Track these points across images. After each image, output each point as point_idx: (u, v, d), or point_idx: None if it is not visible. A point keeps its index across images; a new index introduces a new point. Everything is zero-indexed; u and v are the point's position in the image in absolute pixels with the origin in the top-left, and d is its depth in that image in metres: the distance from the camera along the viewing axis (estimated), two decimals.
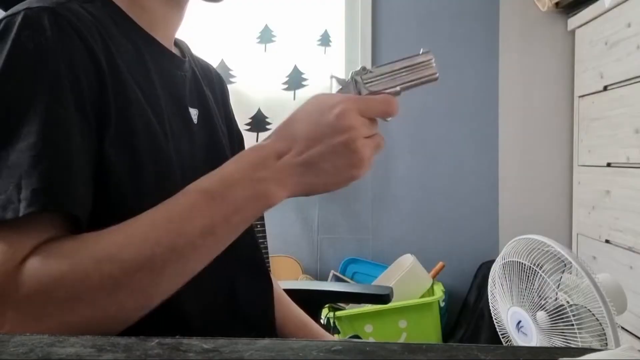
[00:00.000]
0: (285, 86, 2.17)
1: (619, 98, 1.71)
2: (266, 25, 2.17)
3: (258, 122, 2.15)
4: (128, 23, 0.66)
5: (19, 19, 0.56)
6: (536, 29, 2.16)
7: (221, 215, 0.54)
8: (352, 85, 0.61)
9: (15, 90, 0.53)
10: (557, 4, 2.04)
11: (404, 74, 0.61)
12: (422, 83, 0.62)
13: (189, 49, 0.83)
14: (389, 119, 0.61)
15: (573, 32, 2.09)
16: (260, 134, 2.15)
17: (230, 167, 0.56)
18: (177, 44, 0.79)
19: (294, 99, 2.16)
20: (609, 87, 1.79)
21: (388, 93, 0.60)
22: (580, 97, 2.04)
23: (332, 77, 0.62)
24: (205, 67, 0.86)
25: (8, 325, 0.48)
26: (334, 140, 0.55)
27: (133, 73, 0.62)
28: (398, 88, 0.61)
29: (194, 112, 0.73)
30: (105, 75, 0.58)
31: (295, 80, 2.16)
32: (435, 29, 2.17)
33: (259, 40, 2.17)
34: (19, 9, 0.57)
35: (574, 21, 2.05)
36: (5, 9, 0.72)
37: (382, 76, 0.61)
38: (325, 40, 2.17)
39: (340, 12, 2.21)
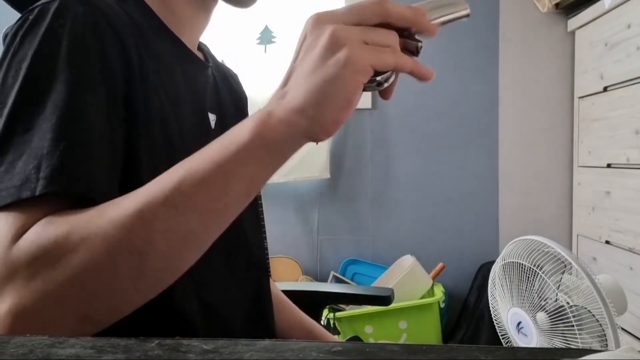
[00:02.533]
0: None
1: (619, 99, 1.71)
2: (266, 26, 2.17)
3: None
4: (158, 24, 0.67)
5: (54, 6, 0.55)
6: (536, 30, 2.16)
7: (218, 149, 0.47)
8: None
9: (44, 74, 0.53)
10: (557, 5, 2.04)
11: (432, 11, 0.50)
12: (455, 19, 0.51)
13: (211, 53, 0.83)
14: (415, 42, 0.49)
15: (573, 33, 2.09)
16: None
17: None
18: (200, 47, 0.80)
19: None
20: (609, 88, 1.79)
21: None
22: (580, 98, 2.04)
23: None
24: (227, 73, 0.86)
25: (9, 299, 0.45)
26: (319, 47, 0.46)
27: (160, 75, 0.62)
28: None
29: (212, 118, 0.73)
30: (134, 74, 0.58)
31: None
32: None
33: (259, 41, 2.17)
34: None
35: (574, 22, 2.05)
36: (18, 9, 0.72)
37: None
38: None
39: None
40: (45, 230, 0.46)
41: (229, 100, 0.81)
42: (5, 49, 0.56)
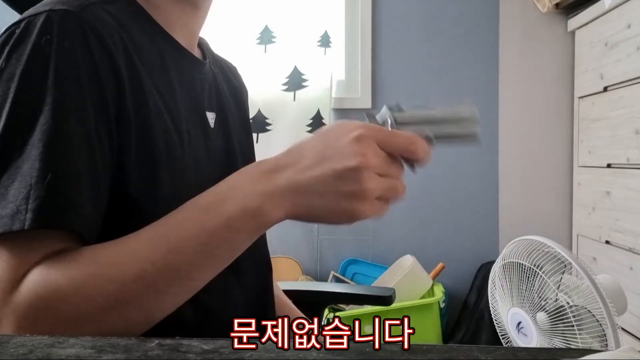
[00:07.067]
0: (285, 87, 2.16)
1: (619, 99, 1.71)
2: (266, 26, 2.17)
3: (258, 123, 2.15)
4: (150, 24, 0.66)
5: (40, 20, 0.54)
6: (536, 29, 2.16)
7: (212, 230, 0.51)
8: (385, 120, 0.56)
9: (32, 96, 0.52)
10: (557, 4, 2.04)
11: (441, 123, 0.56)
12: (459, 139, 0.57)
13: (209, 48, 0.82)
14: (416, 166, 0.56)
15: (573, 33, 2.09)
16: (260, 134, 2.15)
17: (230, 180, 0.54)
18: (200, 43, 0.78)
19: (294, 99, 2.16)
20: (609, 88, 1.79)
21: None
22: (580, 98, 2.04)
23: (366, 113, 0.57)
24: (225, 67, 0.85)
25: (9, 328, 0.48)
26: (341, 164, 0.49)
27: (154, 78, 0.62)
28: (430, 134, 0.55)
29: (211, 116, 0.73)
30: (124, 84, 0.57)
31: (295, 81, 2.16)
32: (436, 29, 2.16)
33: (259, 41, 2.17)
34: (40, 9, 0.55)
35: (574, 22, 2.05)
36: (18, 10, 0.71)
37: (416, 118, 0.56)
38: (325, 41, 2.17)
39: (340, 13, 2.21)
40: (44, 280, 0.49)
41: (229, 96, 0.80)
42: None
